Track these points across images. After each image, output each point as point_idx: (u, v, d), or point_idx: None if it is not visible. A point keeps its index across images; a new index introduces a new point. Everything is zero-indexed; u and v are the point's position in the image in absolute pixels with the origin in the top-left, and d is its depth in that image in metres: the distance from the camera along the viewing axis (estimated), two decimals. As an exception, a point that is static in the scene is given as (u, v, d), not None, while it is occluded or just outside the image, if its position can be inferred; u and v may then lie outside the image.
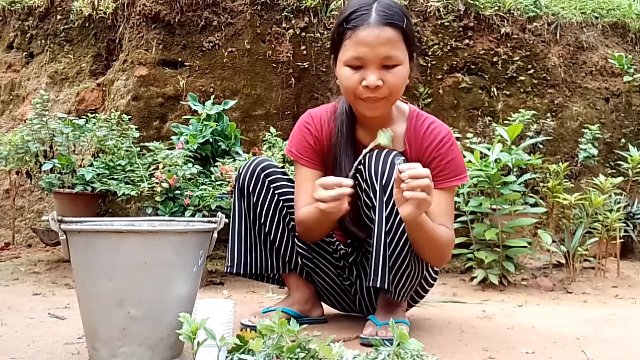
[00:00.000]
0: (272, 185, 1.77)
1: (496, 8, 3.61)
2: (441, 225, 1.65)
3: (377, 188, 1.58)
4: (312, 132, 1.75)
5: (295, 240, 1.81)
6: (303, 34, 3.43)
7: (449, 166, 1.68)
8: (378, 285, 1.57)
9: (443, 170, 1.68)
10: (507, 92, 3.62)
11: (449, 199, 1.71)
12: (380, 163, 1.59)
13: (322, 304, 1.96)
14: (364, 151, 1.58)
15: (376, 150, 1.62)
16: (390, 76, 1.56)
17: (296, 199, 1.74)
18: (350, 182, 1.50)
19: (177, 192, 2.63)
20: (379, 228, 1.58)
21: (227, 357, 1.31)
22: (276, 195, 1.77)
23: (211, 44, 3.39)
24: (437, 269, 1.86)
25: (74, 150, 3.07)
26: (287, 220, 1.79)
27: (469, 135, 3.20)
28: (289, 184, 1.80)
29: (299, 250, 1.81)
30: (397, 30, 1.55)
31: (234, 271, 1.81)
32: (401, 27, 1.56)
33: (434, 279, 1.86)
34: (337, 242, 1.82)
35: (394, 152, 1.62)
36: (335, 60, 1.64)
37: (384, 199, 1.57)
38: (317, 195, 1.51)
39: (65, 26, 3.66)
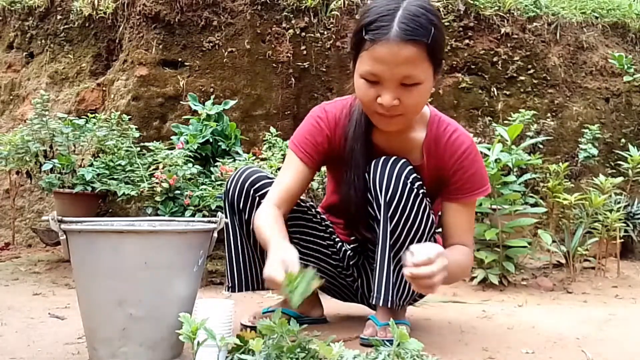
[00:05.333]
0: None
1: (496, 8, 3.61)
2: (460, 246, 1.61)
3: (382, 202, 1.54)
4: (324, 130, 1.65)
5: None
6: (303, 34, 3.43)
7: (472, 179, 1.62)
8: (381, 304, 1.56)
9: (465, 183, 1.62)
10: (507, 92, 3.62)
11: (470, 213, 1.67)
12: (385, 177, 1.55)
13: (322, 303, 1.96)
14: None
15: (382, 158, 1.58)
16: (408, 95, 1.44)
17: (274, 184, 1.64)
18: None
19: (177, 192, 2.63)
20: (383, 242, 1.56)
21: (227, 357, 1.31)
22: None
23: (211, 44, 3.39)
24: None
25: (74, 150, 3.06)
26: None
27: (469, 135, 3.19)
28: None
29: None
30: (420, 46, 1.39)
31: (236, 291, 1.76)
32: (425, 42, 1.39)
33: None
34: (339, 243, 1.81)
35: (402, 161, 1.57)
36: (354, 63, 1.51)
37: (389, 214, 1.54)
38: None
39: (65, 26, 3.66)
